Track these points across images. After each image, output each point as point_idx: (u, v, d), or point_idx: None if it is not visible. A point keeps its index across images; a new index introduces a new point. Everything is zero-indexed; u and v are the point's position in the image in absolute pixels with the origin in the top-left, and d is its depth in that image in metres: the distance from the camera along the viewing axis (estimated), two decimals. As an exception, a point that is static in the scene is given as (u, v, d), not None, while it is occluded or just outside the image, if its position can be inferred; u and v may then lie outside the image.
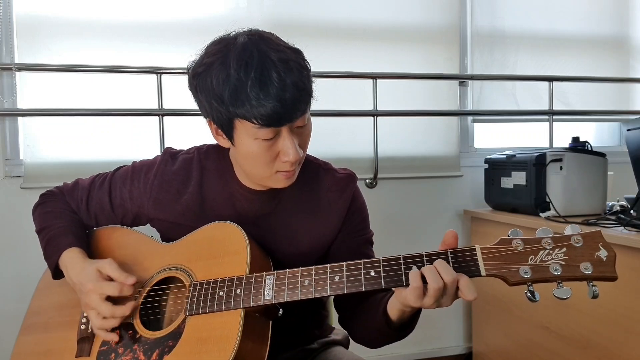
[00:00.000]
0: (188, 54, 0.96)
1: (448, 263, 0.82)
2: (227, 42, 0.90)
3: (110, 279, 0.98)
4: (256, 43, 0.88)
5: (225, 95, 0.86)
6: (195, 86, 0.92)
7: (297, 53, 0.91)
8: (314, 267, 0.88)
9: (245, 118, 0.87)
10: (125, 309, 0.95)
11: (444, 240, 0.85)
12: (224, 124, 0.92)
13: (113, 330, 0.98)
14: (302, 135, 0.94)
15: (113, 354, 0.97)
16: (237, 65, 0.85)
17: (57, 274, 1.06)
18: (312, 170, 1.08)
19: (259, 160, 0.92)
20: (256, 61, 0.85)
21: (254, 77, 0.84)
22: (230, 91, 0.86)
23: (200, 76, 0.90)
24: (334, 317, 1.19)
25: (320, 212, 1.06)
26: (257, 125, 0.87)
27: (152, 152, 1.69)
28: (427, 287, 0.80)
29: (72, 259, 1.02)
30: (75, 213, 1.13)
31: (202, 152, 1.09)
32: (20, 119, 2.01)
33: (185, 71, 0.96)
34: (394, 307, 0.90)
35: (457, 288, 0.81)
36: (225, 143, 0.98)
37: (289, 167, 0.93)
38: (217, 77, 0.87)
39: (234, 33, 0.92)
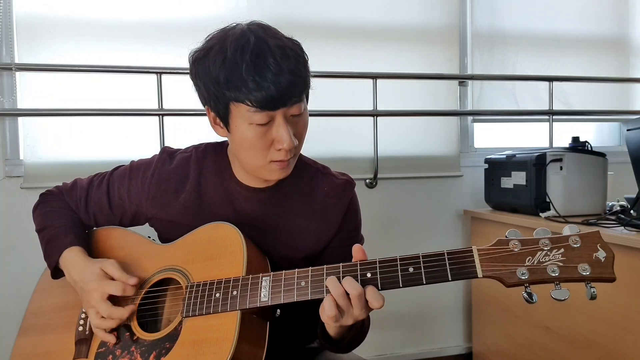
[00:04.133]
0: (188, 54, 0.97)
1: (444, 265, 0.81)
2: (226, 30, 0.93)
3: (112, 279, 0.98)
4: (255, 30, 0.90)
5: (221, 77, 0.88)
6: (195, 73, 0.94)
7: (296, 43, 0.93)
8: (310, 268, 0.88)
9: (240, 101, 0.88)
10: (123, 312, 0.96)
11: (354, 256, 0.87)
12: (220, 109, 0.93)
13: (111, 331, 0.98)
14: (298, 126, 0.94)
15: (110, 356, 0.97)
16: (234, 49, 0.87)
17: (57, 273, 1.06)
18: (310, 174, 1.09)
19: (254, 147, 0.93)
20: (253, 45, 0.87)
21: (249, 59, 0.86)
22: (226, 73, 0.87)
23: (200, 61, 0.92)
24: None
25: (317, 216, 1.06)
26: (252, 108, 0.88)
27: (152, 152, 1.67)
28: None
29: (73, 257, 1.03)
30: (74, 212, 1.14)
31: (200, 151, 1.09)
32: (20, 119, 2.00)
33: (185, 71, 0.97)
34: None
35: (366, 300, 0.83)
36: (222, 132, 0.98)
37: (283, 155, 0.93)
38: (214, 60, 0.89)
39: (234, 24, 0.95)
